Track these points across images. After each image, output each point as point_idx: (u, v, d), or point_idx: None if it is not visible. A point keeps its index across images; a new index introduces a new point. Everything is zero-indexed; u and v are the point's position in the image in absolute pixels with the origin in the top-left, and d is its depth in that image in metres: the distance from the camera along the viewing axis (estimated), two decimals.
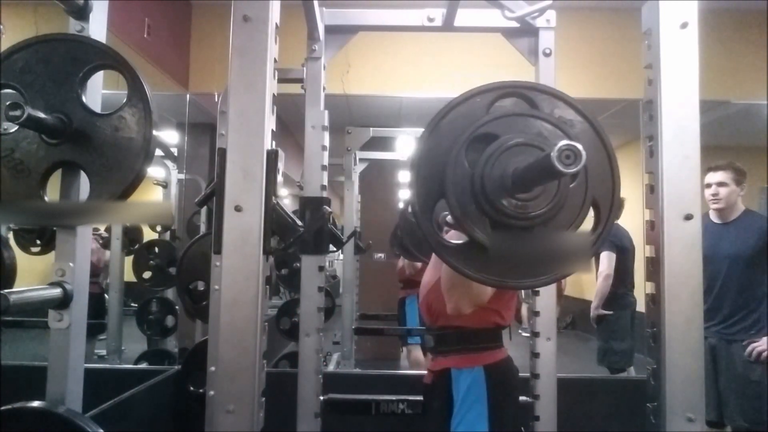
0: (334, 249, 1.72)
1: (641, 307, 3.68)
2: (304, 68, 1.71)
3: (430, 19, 1.70)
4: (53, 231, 1.10)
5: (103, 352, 3.49)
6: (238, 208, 0.83)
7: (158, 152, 1.82)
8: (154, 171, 3.87)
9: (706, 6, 0.94)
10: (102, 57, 1.07)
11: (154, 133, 1.05)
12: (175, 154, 4.02)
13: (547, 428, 1.60)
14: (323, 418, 1.67)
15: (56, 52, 1.06)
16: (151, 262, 3.52)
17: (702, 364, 0.90)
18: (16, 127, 1.03)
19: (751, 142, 4.81)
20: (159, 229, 3.81)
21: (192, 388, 2.27)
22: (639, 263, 3.77)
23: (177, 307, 3.53)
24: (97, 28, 1.13)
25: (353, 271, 3.88)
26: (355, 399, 1.89)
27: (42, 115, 0.99)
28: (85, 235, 1.11)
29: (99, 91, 1.12)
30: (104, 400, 1.92)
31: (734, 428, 2.67)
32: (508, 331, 1.69)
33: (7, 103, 0.92)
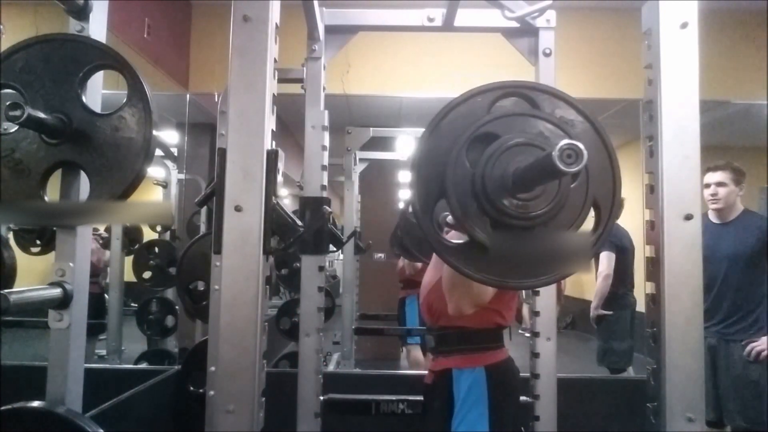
0: (334, 249, 1.72)
1: (641, 307, 3.68)
2: (304, 68, 1.71)
3: (430, 19, 1.70)
4: (53, 231, 1.10)
5: (103, 352, 3.49)
6: (238, 208, 0.83)
7: (158, 152, 1.82)
8: (154, 171, 3.87)
9: (706, 6, 0.94)
10: (102, 57, 1.07)
11: (154, 133, 1.05)
12: (175, 154, 4.02)
13: (547, 428, 1.60)
14: (323, 418, 1.67)
15: (56, 52, 1.06)
16: (151, 262, 3.52)
17: (702, 364, 0.90)
18: (16, 127, 1.03)
19: (751, 142, 4.81)
20: (159, 229, 3.81)
21: (192, 388, 2.27)
22: (639, 263, 3.77)
23: (177, 307, 3.53)
24: (97, 28, 1.13)
25: (353, 271, 3.88)
26: (355, 399, 1.89)
27: (42, 115, 0.99)
28: (85, 235, 1.11)
29: (99, 91, 1.12)
30: (104, 400, 1.92)
31: (733, 428, 2.67)
32: (509, 331, 1.69)
33: (7, 103, 0.92)
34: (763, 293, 2.67)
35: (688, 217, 0.91)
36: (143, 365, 3.47)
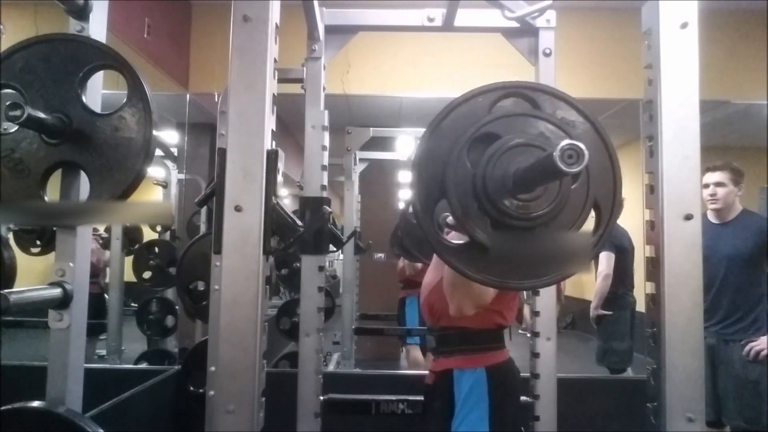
0: (334, 249, 1.72)
1: (641, 307, 3.68)
2: (304, 68, 1.71)
3: (430, 19, 1.70)
4: (53, 231, 1.10)
5: (103, 352, 3.49)
6: (238, 208, 0.83)
7: (158, 152, 1.82)
8: (154, 171, 3.87)
9: (706, 6, 0.94)
10: (102, 57, 1.07)
11: (154, 133, 1.05)
12: (175, 154, 4.02)
13: (547, 428, 1.60)
14: (323, 418, 1.67)
15: (56, 52, 1.06)
16: (151, 262, 3.52)
17: (702, 364, 0.90)
18: (16, 127, 1.03)
19: (751, 142, 4.81)
20: (159, 229, 3.81)
21: (192, 388, 2.27)
22: (639, 263, 3.77)
23: (177, 307, 3.53)
24: (97, 28, 1.13)
25: (353, 271, 3.88)
26: (355, 399, 1.89)
27: (42, 115, 0.99)
28: (85, 235, 1.12)
29: (99, 91, 1.12)
30: (104, 400, 1.92)
31: (733, 428, 2.67)
32: (508, 331, 1.69)
33: (7, 103, 0.92)
34: (762, 293, 2.67)
35: (688, 217, 0.91)
36: (143, 365, 3.47)
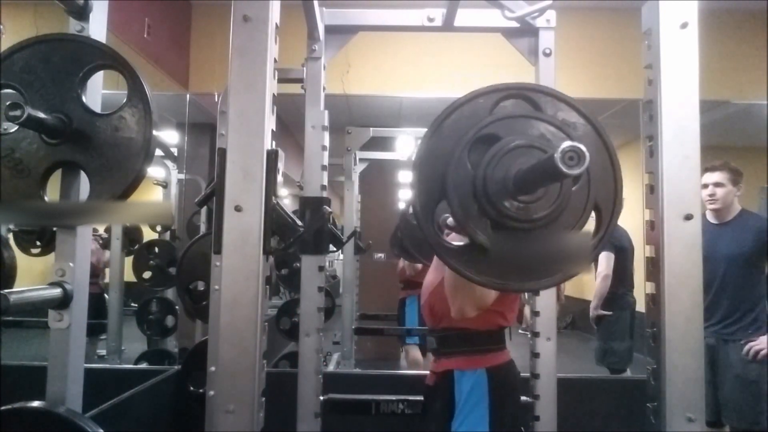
0: (334, 249, 1.72)
1: (641, 307, 3.68)
2: (304, 68, 1.71)
3: (430, 19, 1.70)
4: (53, 232, 1.10)
5: (103, 352, 3.49)
6: (238, 208, 0.83)
7: (158, 152, 1.82)
8: (154, 171, 3.87)
9: (706, 6, 0.94)
10: (102, 57, 1.07)
11: (154, 133, 1.05)
12: (175, 154, 4.02)
13: (547, 428, 1.60)
14: (323, 418, 1.67)
15: (56, 52, 1.06)
16: (151, 262, 3.52)
17: (702, 364, 0.90)
18: (16, 127, 1.03)
19: (751, 142, 4.81)
20: (159, 229, 3.81)
21: (192, 388, 2.27)
22: (639, 263, 3.77)
23: (177, 307, 3.53)
24: (97, 28, 1.13)
25: (353, 271, 3.88)
26: (355, 399, 1.89)
27: (42, 115, 0.99)
28: (85, 235, 1.12)
29: (99, 91, 1.12)
30: (104, 400, 1.92)
31: (732, 428, 2.67)
32: (508, 331, 1.69)
33: (7, 103, 0.92)
34: (761, 293, 2.67)
35: (688, 217, 0.91)
36: (143, 365, 3.47)
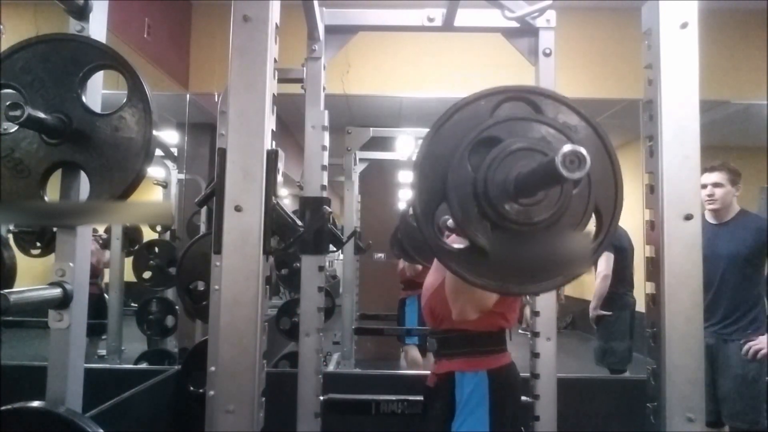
0: (334, 249, 1.72)
1: (641, 307, 3.68)
2: (304, 68, 1.71)
3: (430, 19, 1.70)
4: (53, 233, 1.10)
5: (103, 352, 3.49)
6: (238, 208, 0.83)
7: (158, 152, 1.81)
8: (154, 171, 3.87)
9: (706, 6, 0.94)
10: (102, 57, 1.07)
11: (154, 133, 1.05)
12: (175, 154, 4.02)
13: (547, 428, 1.60)
14: (323, 418, 1.67)
15: (56, 52, 1.06)
16: (151, 262, 3.52)
17: (702, 364, 0.90)
18: (16, 127, 1.03)
19: (751, 142, 4.81)
20: (159, 229, 3.81)
21: (192, 388, 2.27)
22: (639, 263, 3.77)
23: (177, 307, 3.53)
24: (97, 28, 1.13)
25: (353, 271, 3.88)
26: (355, 399, 1.89)
27: (42, 115, 0.99)
28: (85, 235, 1.12)
29: (99, 91, 1.12)
30: (104, 400, 1.92)
31: (732, 428, 2.67)
32: (508, 331, 1.68)
33: (7, 103, 0.92)
34: (761, 293, 2.68)
35: (688, 217, 0.91)
36: (143, 365, 3.47)
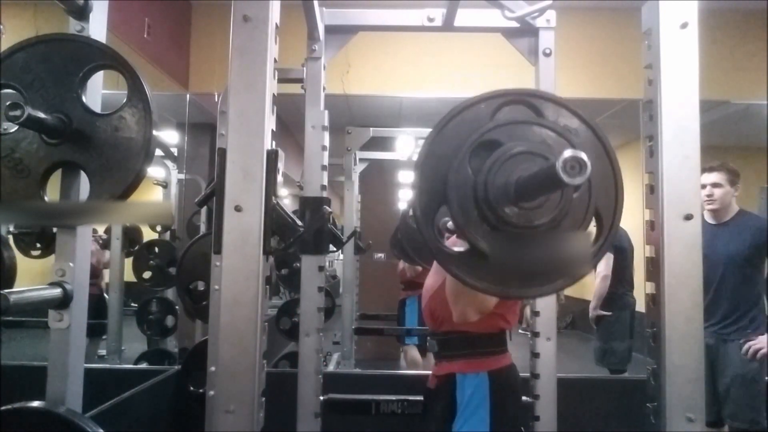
0: (334, 249, 1.72)
1: (641, 307, 3.68)
2: (304, 68, 1.71)
3: (430, 19, 1.70)
4: (53, 235, 1.10)
5: (104, 352, 3.49)
6: (238, 208, 0.83)
7: (158, 152, 1.81)
8: (154, 171, 3.87)
9: (706, 6, 0.94)
10: (102, 57, 1.07)
11: (154, 133, 1.05)
12: (175, 154, 4.02)
13: (547, 428, 1.60)
14: (323, 418, 1.67)
15: (56, 52, 1.06)
16: (151, 262, 3.52)
17: (702, 364, 0.90)
18: (16, 127, 1.03)
19: (751, 142, 4.81)
20: (159, 229, 3.81)
21: (192, 388, 2.27)
22: (639, 263, 3.77)
23: (177, 307, 3.53)
24: (97, 28, 1.13)
25: (353, 271, 3.88)
26: (355, 399, 1.89)
27: (42, 115, 0.99)
28: (85, 235, 1.12)
29: (99, 91, 1.12)
30: (104, 400, 1.92)
31: (731, 428, 2.67)
32: (508, 332, 1.69)
33: (7, 103, 0.92)
34: (760, 293, 2.68)
35: (688, 217, 0.91)
36: (143, 365, 3.47)
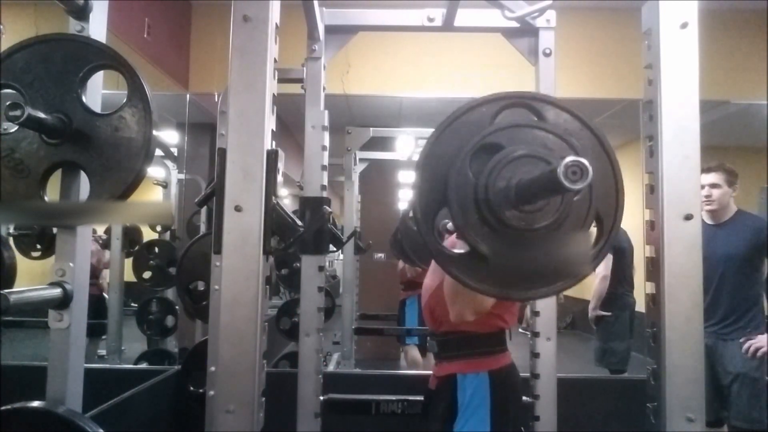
0: (334, 249, 1.72)
1: (641, 307, 3.68)
2: (304, 68, 1.71)
3: (430, 19, 1.70)
4: (53, 236, 1.10)
5: (103, 352, 3.49)
6: (238, 208, 0.83)
7: (158, 152, 1.81)
8: (154, 171, 3.87)
9: (706, 6, 0.94)
10: (102, 57, 1.07)
11: (154, 133, 1.05)
12: (175, 154, 4.02)
13: (547, 428, 1.60)
14: (323, 418, 1.67)
15: (56, 52, 1.06)
16: (151, 262, 3.52)
17: (702, 364, 0.90)
18: (16, 127, 1.03)
19: (751, 142, 4.81)
20: (159, 229, 3.81)
21: (192, 388, 2.27)
22: (639, 263, 3.77)
23: (177, 307, 3.53)
24: (97, 28, 1.13)
25: (353, 271, 3.88)
26: (355, 399, 1.89)
27: (42, 115, 0.99)
28: (85, 235, 1.11)
29: (99, 91, 1.12)
30: (104, 400, 1.92)
31: (731, 428, 2.67)
32: (508, 331, 1.69)
33: (7, 103, 0.92)
34: (759, 293, 2.68)
35: (688, 217, 0.91)
36: (143, 365, 3.47)
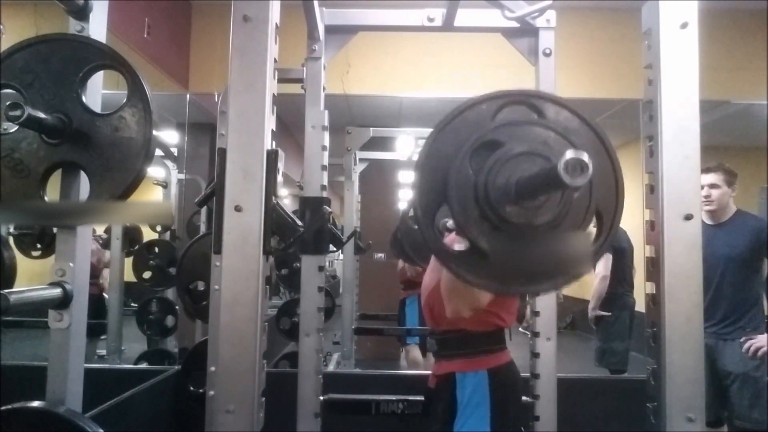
0: (334, 249, 1.72)
1: (641, 307, 3.68)
2: (304, 68, 1.71)
3: (430, 19, 1.70)
4: (53, 235, 1.10)
5: (103, 352, 3.49)
6: (238, 208, 0.83)
7: (158, 152, 1.81)
8: (154, 171, 3.87)
9: (706, 6, 0.94)
10: (102, 57, 1.07)
11: (154, 133, 1.05)
12: (175, 154, 4.02)
13: (547, 428, 1.60)
14: (323, 418, 1.67)
15: (56, 52, 1.06)
16: (151, 262, 3.52)
17: (702, 364, 0.90)
18: (16, 127, 1.03)
19: (751, 142, 4.81)
20: (159, 229, 3.81)
21: (192, 388, 2.27)
22: (639, 263, 3.77)
23: (177, 307, 3.53)
24: (97, 28, 1.13)
25: (353, 271, 3.88)
26: (355, 399, 1.89)
27: (42, 115, 0.99)
28: (85, 235, 1.11)
29: (99, 91, 1.12)
30: (104, 400, 1.92)
31: (731, 428, 2.67)
32: (508, 331, 1.69)
33: (7, 103, 0.92)
34: (759, 293, 2.68)
35: (688, 217, 0.91)
36: (143, 365, 3.48)
